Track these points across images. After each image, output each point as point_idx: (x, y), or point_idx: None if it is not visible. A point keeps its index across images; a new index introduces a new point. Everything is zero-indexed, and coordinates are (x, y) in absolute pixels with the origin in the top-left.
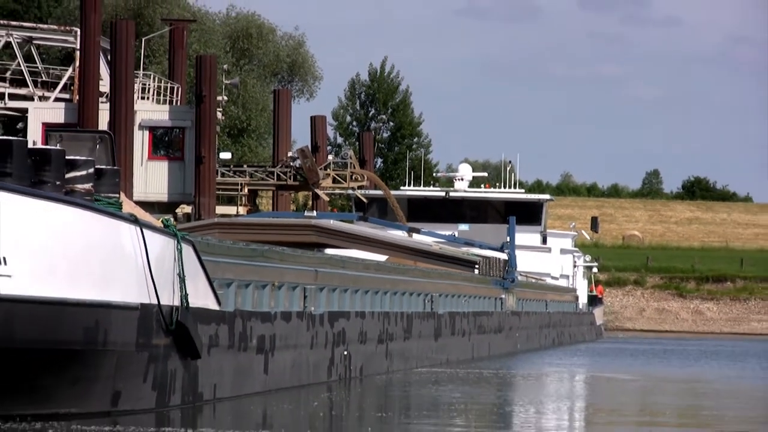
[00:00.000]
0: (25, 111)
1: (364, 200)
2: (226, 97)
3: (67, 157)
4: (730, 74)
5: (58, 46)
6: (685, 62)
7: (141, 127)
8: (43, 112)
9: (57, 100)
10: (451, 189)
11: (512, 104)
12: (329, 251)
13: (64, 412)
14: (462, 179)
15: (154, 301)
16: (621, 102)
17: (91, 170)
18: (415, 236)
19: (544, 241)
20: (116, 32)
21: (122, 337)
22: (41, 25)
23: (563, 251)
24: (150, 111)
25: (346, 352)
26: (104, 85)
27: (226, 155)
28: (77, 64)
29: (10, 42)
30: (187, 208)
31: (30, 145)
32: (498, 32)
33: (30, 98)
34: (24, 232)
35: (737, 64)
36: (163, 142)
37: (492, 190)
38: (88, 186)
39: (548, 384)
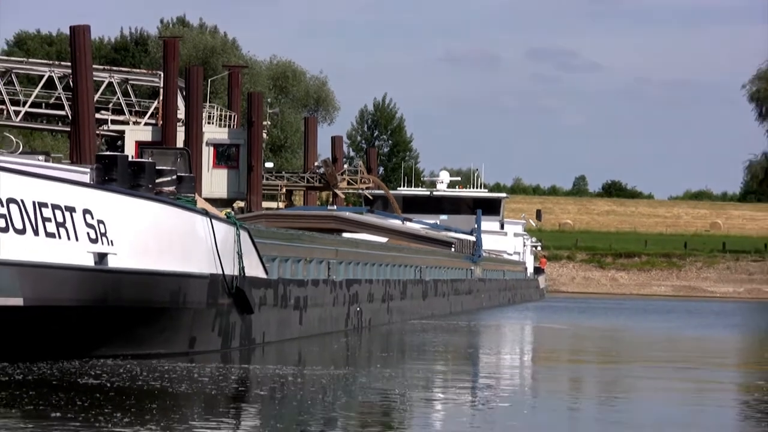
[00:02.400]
0: (122, 132)
1: (371, 198)
2: (269, 122)
3: (156, 167)
4: (637, 105)
5: (147, 84)
6: (604, 96)
7: (207, 144)
8: (136, 133)
9: (146, 124)
10: (434, 189)
11: (478, 126)
12: (346, 235)
13: (154, 353)
14: (442, 182)
15: (220, 272)
16: (558, 126)
17: (174, 177)
18: (408, 224)
19: (502, 227)
20: (189, 75)
21: (197, 298)
22: (134, 70)
23: (516, 234)
24: (214, 132)
25: (358, 309)
26: (180, 114)
27: (269, 165)
28: (161, 98)
29: (112, 82)
30: (241, 203)
31: (129, 159)
32: (468, 74)
33: (126, 123)
34: (126, 222)
35: (642, 97)
36: (224, 155)
37: (464, 190)
38: (171, 188)
39: (505, 332)
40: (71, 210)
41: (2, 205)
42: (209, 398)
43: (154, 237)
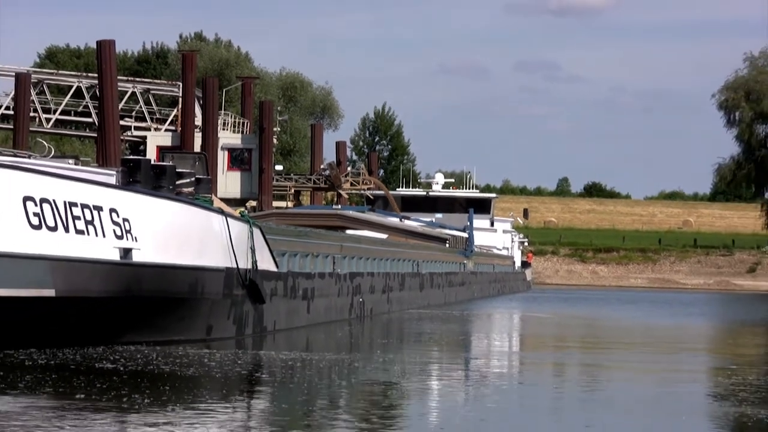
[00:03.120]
0: (144, 138)
1: (372, 198)
2: (279, 129)
3: (176, 170)
4: (615, 113)
5: (167, 94)
6: (585, 105)
7: (222, 149)
8: (157, 139)
9: (166, 130)
10: (430, 190)
11: (471, 132)
12: (349, 232)
13: (175, 339)
14: (437, 183)
15: (234, 266)
16: (543, 132)
17: (193, 179)
18: (406, 222)
19: (492, 224)
20: (206, 85)
21: (214, 289)
22: (155, 80)
23: (505, 231)
24: (228, 138)
25: (361, 299)
26: (198, 121)
27: (279, 167)
28: (180, 106)
29: (135, 92)
30: (253, 203)
31: (151, 162)
32: (461, 84)
33: (148, 129)
34: (148, 220)
35: (620, 106)
36: (237, 159)
37: (457, 190)
38: (190, 189)
39: (495, 320)
40: (99, 209)
41: (36, 205)
42: (222, 381)
43: (174, 234)
